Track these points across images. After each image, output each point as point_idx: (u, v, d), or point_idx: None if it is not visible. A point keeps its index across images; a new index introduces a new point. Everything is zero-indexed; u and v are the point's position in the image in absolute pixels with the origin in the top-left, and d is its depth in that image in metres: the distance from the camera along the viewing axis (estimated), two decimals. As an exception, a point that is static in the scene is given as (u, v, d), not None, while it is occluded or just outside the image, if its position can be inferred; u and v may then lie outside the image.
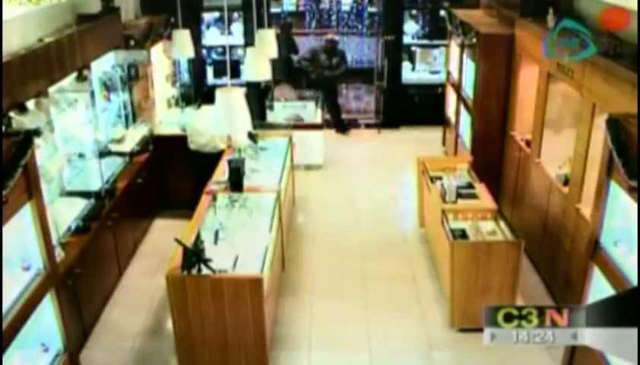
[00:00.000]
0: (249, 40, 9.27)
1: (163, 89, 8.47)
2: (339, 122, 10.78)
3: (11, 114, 4.60)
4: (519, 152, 7.06)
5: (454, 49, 9.07)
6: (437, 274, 6.34)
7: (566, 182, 5.83)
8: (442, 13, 10.55)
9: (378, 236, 7.27)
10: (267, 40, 7.06)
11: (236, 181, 6.04)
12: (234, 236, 5.42)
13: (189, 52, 7.76)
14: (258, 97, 9.54)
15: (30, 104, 5.00)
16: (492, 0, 8.62)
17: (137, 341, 5.51)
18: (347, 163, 9.40)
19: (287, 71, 10.73)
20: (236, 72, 9.61)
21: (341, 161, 9.45)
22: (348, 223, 7.63)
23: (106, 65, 6.90)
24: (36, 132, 4.13)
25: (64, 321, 4.48)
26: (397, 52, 10.61)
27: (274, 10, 12.04)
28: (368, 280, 6.35)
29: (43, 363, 4.32)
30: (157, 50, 8.20)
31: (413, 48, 11.07)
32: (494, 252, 5.43)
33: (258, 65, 6.50)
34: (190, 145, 7.09)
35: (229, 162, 6.21)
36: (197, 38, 9.26)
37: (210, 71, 10.61)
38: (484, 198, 6.24)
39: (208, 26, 10.93)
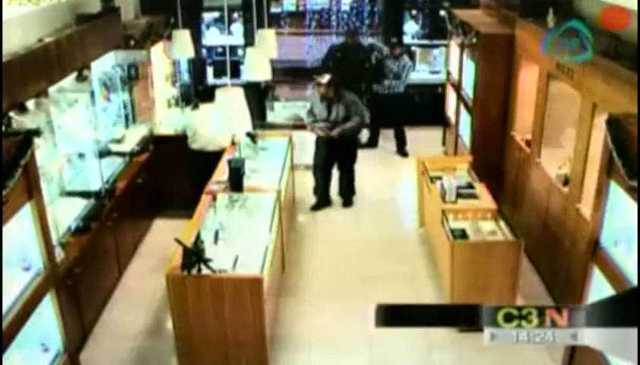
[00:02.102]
0: (249, 40, 9.27)
1: (163, 89, 8.47)
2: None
3: (11, 114, 4.60)
4: (519, 152, 7.06)
5: (454, 49, 9.07)
6: (437, 274, 6.34)
7: (566, 182, 5.83)
8: (442, 13, 10.54)
9: (378, 236, 7.27)
10: (267, 40, 7.06)
11: (236, 181, 6.04)
12: (234, 236, 5.42)
13: (189, 52, 7.76)
14: (258, 97, 9.54)
15: (30, 104, 5.01)
16: (492, 0, 8.63)
17: (137, 341, 5.51)
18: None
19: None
20: (236, 72, 9.61)
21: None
22: (348, 223, 7.63)
23: (106, 65, 6.90)
24: (36, 132, 4.13)
25: (64, 321, 4.47)
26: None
27: (274, 10, 12.04)
28: (368, 281, 6.35)
29: (43, 363, 4.32)
30: (157, 50, 8.19)
31: (413, 48, 11.07)
32: (494, 252, 5.44)
33: (258, 65, 6.50)
34: (192, 145, 7.09)
35: (229, 162, 6.21)
36: (197, 38, 9.26)
37: (210, 71, 10.61)
38: (484, 198, 6.24)
39: (208, 27, 10.93)
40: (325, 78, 7.57)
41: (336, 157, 7.84)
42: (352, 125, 7.60)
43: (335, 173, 8.05)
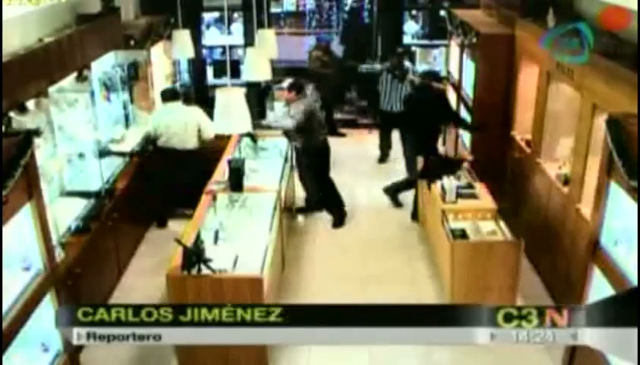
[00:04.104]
0: (249, 40, 9.28)
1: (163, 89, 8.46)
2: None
3: (11, 114, 4.60)
4: (519, 152, 7.06)
5: (454, 49, 9.07)
6: (437, 274, 6.34)
7: (566, 182, 5.83)
8: (442, 13, 10.54)
9: (378, 236, 7.27)
10: (267, 40, 7.06)
11: (235, 181, 6.04)
12: (234, 236, 5.42)
13: (189, 52, 7.76)
14: (258, 97, 9.54)
15: (30, 104, 5.01)
16: (492, 0, 8.62)
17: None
18: (347, 163, 9.37)
19: None
20: (236, 72, 9.62)
21: (341, 161, 9.42)
22: (348, 223, 7.62)
23: (106, 65, 6.91)
24: (36, 132, 4.13)
25: (64, 321, 4.46)
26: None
27: (274, 10, 12.05)
28: (368, 280, 6.34)
29: (43, 363, 4.32)
30: (157, 50, 8.19)
31: (413, 48, 11.06)
32: (494, 252, 5.44)
33: (258, 65, 6.50)
34: (158, 142, 7.06)
35: (229, 162, 6.21)
36: (197, 38, 9.26)
37: (210, 71, 10.62)
38: (484, 198, 6.24)
39: (208, 26, 10.94)
40: (286, 82, 7.39)
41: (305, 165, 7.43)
42: (281, 122, 7.11)
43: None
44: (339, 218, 7.54)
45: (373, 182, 8.76)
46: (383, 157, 9.52)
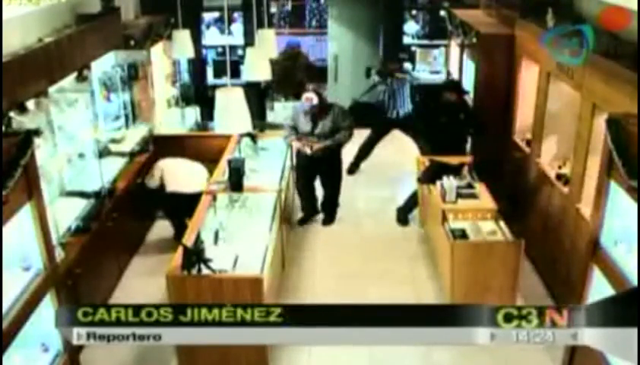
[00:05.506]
0: (249, 40, 9.29)
1: (163, 89, 8.47)
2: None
3: (11, 114, 4.60)
4: (519, 152, 7.06)
5: (454, 49, 9.08)
6: (437, 275, 6.34)
7: (566, 182, 5.83)
8: (442, 13, 10.55)
9: (378, 236, 7.27)
10: (267, 40, 7.06)
11: (236, 181, 6.04)
12: (234, 236, 5.42)
13: (189, 52, 7.77)
14: (258, 97, 9.55)
15: (30, 104, 5.00)
16: (492, 0, 8.63)
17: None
18: (347, 163, 9.39)
19: None
20: (236, 72, 9.62)
21: (341, 161, 9.46)
22: (348, 223, 7.62)
23: (106, 65, 6.90)
24: (36, 132, 4.13)
25: (64, 321, 4.46)
26: (397, 51, 10.61)
27: (274, 10, 12.06)
28: (368, 280, 6.34)
29: (43, 363, 4.32)
30: (157, 50, 8.20)
31: (413, 48, 11.07)
32: (494, 252, 5.44)
33: (258, 65, 6.50)
34: (168, 188, 6.66)
35: (229, 162, 6.21)
36: (197, 38, 9.27)
37: (210, 71, 10.62)
38: (484, 198, 6.24)
39: (208, 26, 10.95)
40: (315, 99, 6.95)
41: (319, 172, 7.38)
42: (340, 137, 7.07)
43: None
44: (332, 216, 7.60)
45: (373, 182, 8.77)
46: (353, 168, 8.91)
